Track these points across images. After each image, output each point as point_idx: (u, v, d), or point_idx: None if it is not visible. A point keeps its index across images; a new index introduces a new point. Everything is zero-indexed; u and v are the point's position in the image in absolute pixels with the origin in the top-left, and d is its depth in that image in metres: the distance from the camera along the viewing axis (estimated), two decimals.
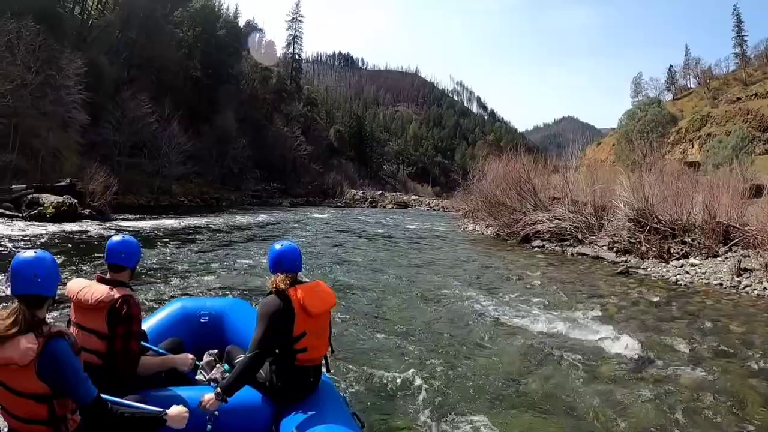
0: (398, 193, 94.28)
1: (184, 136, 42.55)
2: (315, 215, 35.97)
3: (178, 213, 29.18)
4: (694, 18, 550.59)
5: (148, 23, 48.43)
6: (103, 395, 2.61)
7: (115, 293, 3.26)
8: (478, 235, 25.46)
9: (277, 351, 3.43)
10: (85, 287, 3.30)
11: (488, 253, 17.97)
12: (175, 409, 2.85)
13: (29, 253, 2.58)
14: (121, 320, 3.23)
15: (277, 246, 3.62)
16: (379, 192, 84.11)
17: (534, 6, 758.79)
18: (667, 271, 13.47)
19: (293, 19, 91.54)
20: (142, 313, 3.48)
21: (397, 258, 15.54)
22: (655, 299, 10.24)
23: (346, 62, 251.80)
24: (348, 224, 29.73)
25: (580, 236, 18.45)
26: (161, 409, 2.84)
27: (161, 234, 18.08)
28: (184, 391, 3.30)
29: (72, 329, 3.20)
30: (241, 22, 76.12)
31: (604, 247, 16.92)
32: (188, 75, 55.59)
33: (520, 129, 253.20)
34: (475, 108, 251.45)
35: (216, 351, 3.92)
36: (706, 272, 12.77)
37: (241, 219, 27.85)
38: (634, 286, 11.65)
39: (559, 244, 18.88)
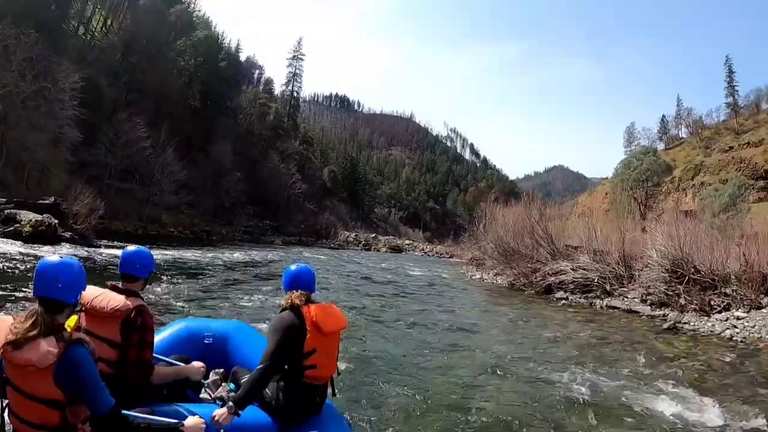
0: (391, 236, 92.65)
1: (179, 165, 41.14)
2: (311, 256, 34.28)
3: (167, 244, 27.40)
4: (685, 69, 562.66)
5: (150, 49, 47.94)
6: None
7: (131, 303, 3.25)
8: (489, 284, 23.92)
9: (286, 367, 3.42)
10: (100, 295, 3.27)
11: (512, 304, 16.33)
12: (192, 421, 2.85)
13: (55, 257, 2.60)
14: (136, 329, 3.23)
15: (293, 267, 3.75)
16: (373, 235, 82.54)
17: (529, 58, 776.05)
18: (713, 325, 12.15)
19: (294, 57, 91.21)
20: None
21: (413, 307, 14.04)
22: (727, 359, 8.92)
23: (342, 104, 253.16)
24: (349, 268, 28.07)
25: (608, 287, 16.89)
26: (177, 421, 2.83)
27: None
28: (191, 407, 3.21)
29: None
30: (242, 57, 75.95)
31: (636, 300, 15.42)
32: (187, 104, 54.65)
33: (512, 177, 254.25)
34: (467, 155, 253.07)
35: (221, 370, 3.93)
36: (755, 326, 11.50)
37: (234, 256, 26.03)
38: (692, 345, 10.32)
39: (584, 295, 17.30)
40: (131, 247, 3.59)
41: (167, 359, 3.80)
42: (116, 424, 2.54)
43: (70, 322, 2.97)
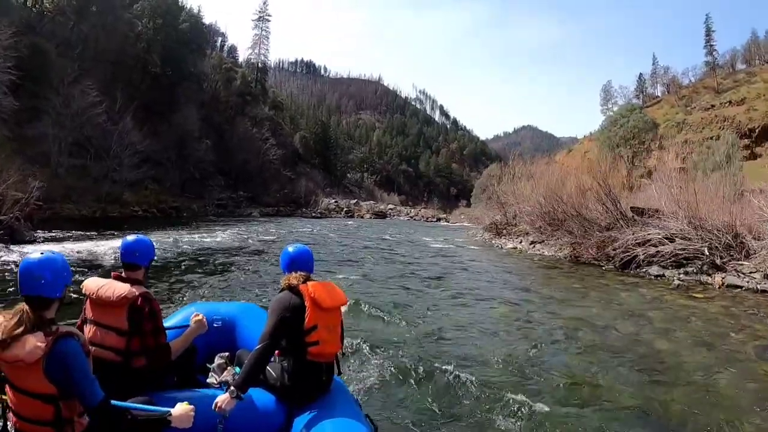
0: (372, 202, 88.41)
1: (139, 134, 35.75)
2: (300, 229, 29.70)
3: (130, 227, 22.24)
4: (657, 29, 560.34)
5: (105, 13, 42.49)
6: (114, 398, 2.61)
7: (136, 290, 3.25)
8: (535, 256, 19.98)
9: (285, 344, 3.36)
10: (105, 284, 3.28)
11: (597, 286, 12.53)
12: (180, 408, 2.75)
13: (36, 255, 2.56)
14: (145, 317, 3.23)
15: (290, 248, 3.67)
16: (354, 201, 78.30)
17: (498, 19, 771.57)
18: None
19: (260, 18, 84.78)
20: None
21: (468, 291, 11.24)
22: None
23: (309, 69, 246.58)
24: (348, 242, 23.72)
25: (718, 261, 12.95)
26: (166, 409, 2.75)
27: (91, 266, 11.48)
28: (195, 393, 3.28)
29: (87, 327, 3.29)
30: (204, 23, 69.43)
31: (755, 276, 11.90)
32: (147, 70, 48.88)
33: (482, 137, 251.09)
34: (438, 116, 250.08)
35: (227, 354, 3.98)
36: None
37: (211, 237, 21.11)
38: None
39: (680, 270, 13.48)
40: (131, 237, 3.57)
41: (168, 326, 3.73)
42: (107, 416, 2.50)
43: None
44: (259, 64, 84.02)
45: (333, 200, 71.12)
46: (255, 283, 10.64)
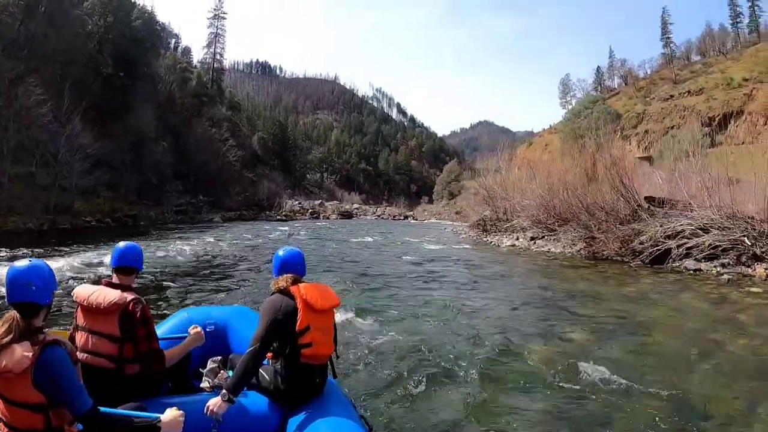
0: (336, 202, 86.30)
1: (90, 136, 32.77)
2: (269, 234, 27.37)
3: (79, 241, 19.69)
4: (611, 24, 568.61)
5: (53, 11, 39.08)
6: (107, 405, 2.64)
7: (127, 296, 3.28)
8: (541, 254, 18.55)
9: (277, 346, 3.34)
10: (96, 291, 3.31)
11: (656, 289, 11.01)
12: (169, 414, 2.71)
13: (24, 262, 2.53)
14: (137, 322, 3.23)
15: (281, 252, 3.67)
16: (318, 202, 76.14)
17: (451, 16, 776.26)
18: None
19: (215, 15, 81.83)
20: None
21: (495, 304, 9.66)
22: None
23: (264, 70, 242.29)
24: (332, 247, 21.84)
25: (758, 251, 11.87)
26: (156, 415, 2.71)
27: None
28: (188, 399, 3.23)
29: (79, 334, 3.32)
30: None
31: None
32: (98, 70, 45.25)
33: (439, 134, 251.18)
34: (395, 114, 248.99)
35: (219, 358, 3.92)
36: None
37: (170, 249, 18.28)
38: None
39: (718, 263, 12.41)
40: (122, 243, 3.61)
41: (168, 339, 3.88)
42: (96, 424, 2.46)
43: (64, 335, 3.30)
44: (215, 64, 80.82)
45: (296, 202, 68.82)
46: (238, 296, 9.69)
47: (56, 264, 12.14)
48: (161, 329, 4.14)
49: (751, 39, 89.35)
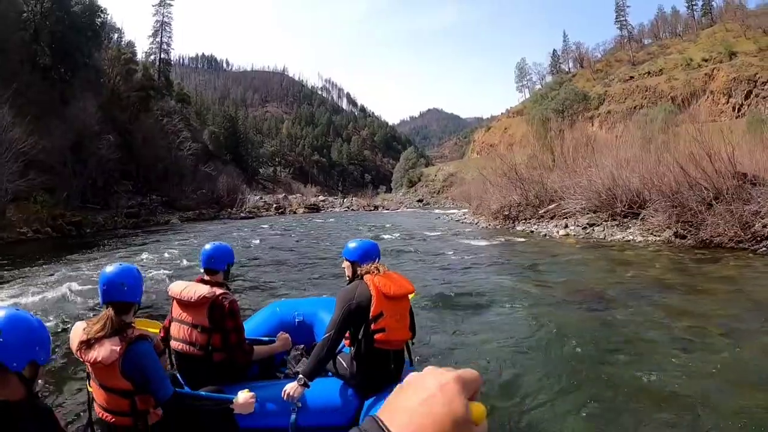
0: (300, 195, 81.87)
1: (22, 131, 26.68)
2: (253, 239, 22.10)
3: (13, 258, 14.71)
4: (557, 8, 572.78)
5: None
6: (181, 389, 3.04)
7: (217, 290, 3.48)
8: (612, 244, 15.62)
9: (352, 332, 3.38)
10: (188, 286, 3.54)
11: None
12: (242, 396, 2.91)
13: (116, 265, 2.86)
14: (226, 315, 3.42)
15: (353, 244, 3.70)
16: (282, 196, 71.08)
17: (398, 4, 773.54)
18: None
19: (161, 2, 74.93)
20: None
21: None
22: None
23: (210, 64, 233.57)
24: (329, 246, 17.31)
25: None
26: (230, 396, 2.93)
27: None
28: (269, 384, 3.43)
29: (173, 325, 3.55)
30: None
31: None
32: (35, 62, 39.14)
33: (390, 122, 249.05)
34: (345, 104, 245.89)
35: (302, 346, 4.09)
36: None
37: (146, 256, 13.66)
38: None
39: None
40: (209, 245, 3.79)
41: (256, 338, 4.06)
42: (178, 407, 2.71)
43: (155, 329, 3.95)
44: (162, 54, 74.38)
45: (258, 197, 63.58)
46: None
47: None
48: (253, 321, 4.46)
49: (705, 22, 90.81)
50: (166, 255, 15.88)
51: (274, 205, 57.56)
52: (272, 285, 10.50)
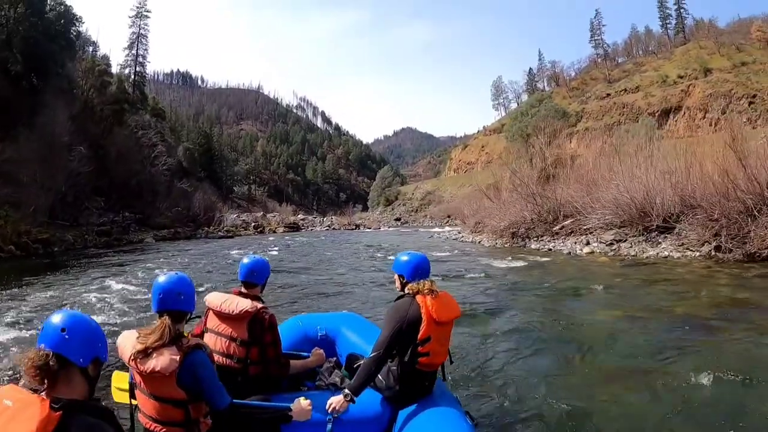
0: (278, 214, 79.72)
1: None
2: (225, 259, 19.87)
3: None
4: (532, 29, 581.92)
5: None
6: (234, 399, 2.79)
7: (257, 304, 3.47)
8: (645, 261, 14.43)
9: (397, 350, 3.35)
10: (228, 299, 3.50)
11: None
12: (299, 403, 2.97)
13: (172, 275, 2.85)
14: (266, 329, 3.43)
15: (405, 257, 3.60)
16: (261, 214, 68.83)
17: (372, 24, 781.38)
18: None
19: (138, 14, 72.77)
20: None
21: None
22: None
23: (185, 80, 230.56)
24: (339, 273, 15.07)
25: None
26: (287, 405, 2.96)
27: None
28: (306, 395, 3.27)
29: (208, 336, 3.52)
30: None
31: None
32: (6, 69, 36.53)
33: (365, 141, 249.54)
34: (320, 123, 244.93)
35: (334, 358, 4.21)
36: None
37: (93, 293, 11.29)
38: None
39: None
40: (246, 258, 3.77)
41: (291, 353, 3.99)
42: (235, 416, 2.70)
43: (123, 383, 3.44)
44: (138, 67, 71.92)
45: (236, 215, 61.14)
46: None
47: None
48: None
49: (679, 40, 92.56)
50: (142, 279, 13.71)
51: (253, 224, 55.09)
52: (289, 300, 10.07)
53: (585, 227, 18.45)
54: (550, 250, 18.83)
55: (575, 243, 18.17)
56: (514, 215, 22.57)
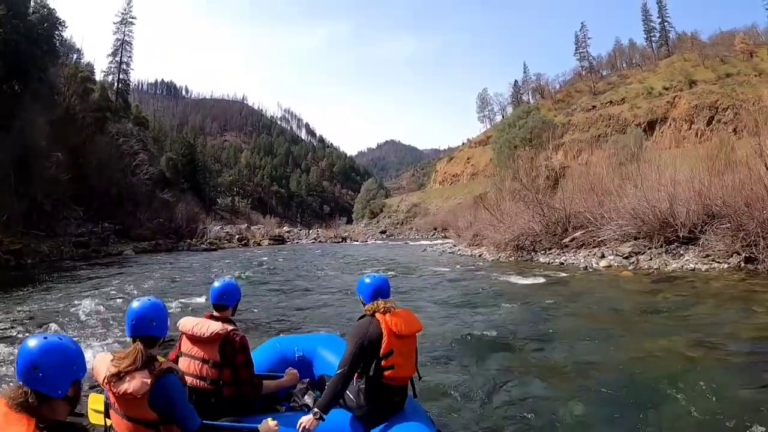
0: (262, 226, 77.95)
1: None
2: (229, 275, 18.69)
3: None
4: (515, 42, 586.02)
5: None
6: (204, 420, 2.80)
7: (228, 327, 3.47)
8: (668, 274, 13.41)
9: (362, 367, 3.39)
10: (199, 323, 3.49)
11: None
12: (266, 425, 2.95)
13: (145, 300, 2.84)
14: (237, 350, 3.42)
15: (368, 279, 3.65)
16: (245, 226, 67.23)
17: (356, 37, 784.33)
18: None
19: (123, 20, 71.14)
20: None
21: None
22: None
23: (169, 91, 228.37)
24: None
25: None
26: (255, 425, 2.96)
27: None
28: (279, 416, 3.28)
29: (183, 359, 3.49)
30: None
31: None
32: None
33: (348, 153, 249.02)
34: (304, 134, 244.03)
35: (308, 380, 4.12)
36: None
37: (67, 309, 10.03)
38: None
39: None
40: (217, 282, 3.76)
41: (264, 374, 3.94)
42: None
43: (99, 404, 3.23)
44: (121, 74, 70.26)
45: (219, 227, 59.45)
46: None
47: None
48: (254, 356, 3.92)
49: (663, 52, 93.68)
50: (119, 294, 12.35)
51: (237, 236, 53.41)
52: (270, 321, 9.38)
53: (599, 239, 17.31)
54: (562, 264, 17.49)
55: (588, 256, 16.99)
56: (520, 227, 21.23)
